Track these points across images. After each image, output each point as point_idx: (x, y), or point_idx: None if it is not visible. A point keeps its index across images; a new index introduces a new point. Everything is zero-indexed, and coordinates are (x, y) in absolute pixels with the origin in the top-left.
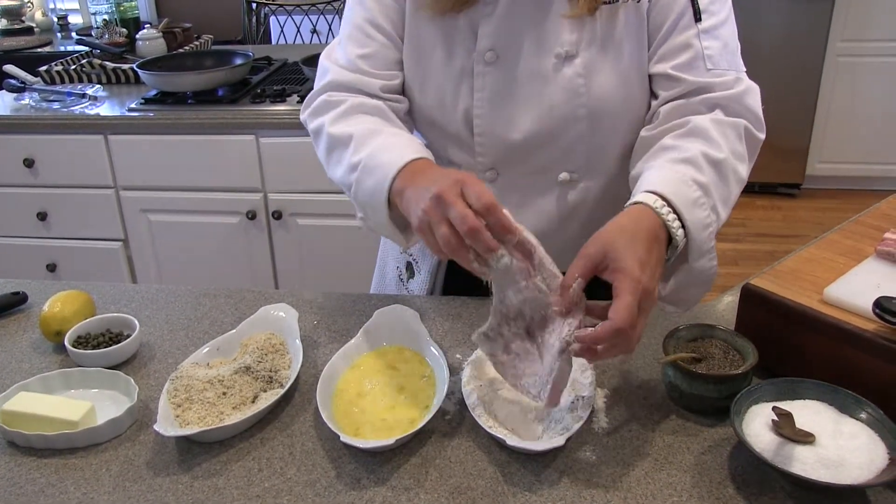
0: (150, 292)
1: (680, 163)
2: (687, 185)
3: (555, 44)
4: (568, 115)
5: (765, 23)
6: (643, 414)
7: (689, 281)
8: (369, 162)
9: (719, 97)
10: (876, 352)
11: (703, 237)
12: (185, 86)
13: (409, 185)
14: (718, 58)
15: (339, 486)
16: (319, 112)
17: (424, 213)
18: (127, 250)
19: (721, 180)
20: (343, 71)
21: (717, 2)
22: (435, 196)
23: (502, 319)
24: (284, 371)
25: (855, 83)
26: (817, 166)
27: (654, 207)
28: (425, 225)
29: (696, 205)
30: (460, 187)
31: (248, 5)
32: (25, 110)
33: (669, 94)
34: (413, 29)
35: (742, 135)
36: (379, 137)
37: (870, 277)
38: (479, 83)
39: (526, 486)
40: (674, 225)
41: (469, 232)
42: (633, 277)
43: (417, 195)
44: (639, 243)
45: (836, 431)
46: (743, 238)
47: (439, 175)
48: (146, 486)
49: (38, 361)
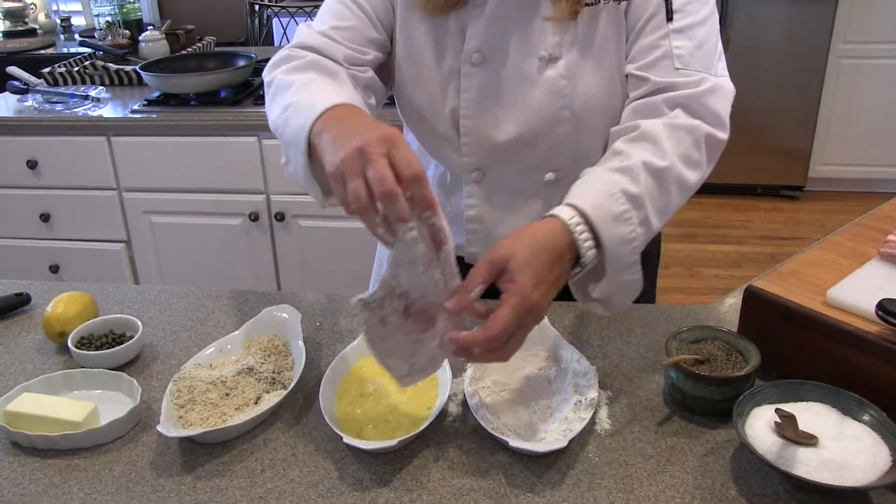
0: (153, 293)
1: (616, 172)
2: (614, 198)
3: (539, 46)
4: (552, 116)
5: (767, 25)
6: (646, 415)
7: (613, 289)
8: (300, 102)
9: (681, 96)
10: (879, 354)
11: (621, 252)
12: (187, 87)
13: (332, 128)
14: (689, 58)
15: (341, 487)
16: (277, 65)
17: (342, 161)
18: (129, 252)
19: (660, 190)
20: (314, 34)
21: (695, 2)
22: (358, 147)
23: (388, 293)
24: (287, 372)
25: (857, 85)
26: (819, 168)
27: (568, 224)
28: (339, 174)
29: (618, 220)
30: (388, 146)
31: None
32: (28, 112)
33: (636, 93)
34: (405, 29)
35: (700, 140)
36: (319, 83)
37: (873, 279)
38: (465, 84)
39: (528, 487)
40: (585, 245)
41: (384, 194)
42: (522, 294)
43: (338, 142)
44: (540, 261)
45: (839, 433)
46: (745, 240)
47: (366, 125)
48: (149, 487)
49: (41, 362)
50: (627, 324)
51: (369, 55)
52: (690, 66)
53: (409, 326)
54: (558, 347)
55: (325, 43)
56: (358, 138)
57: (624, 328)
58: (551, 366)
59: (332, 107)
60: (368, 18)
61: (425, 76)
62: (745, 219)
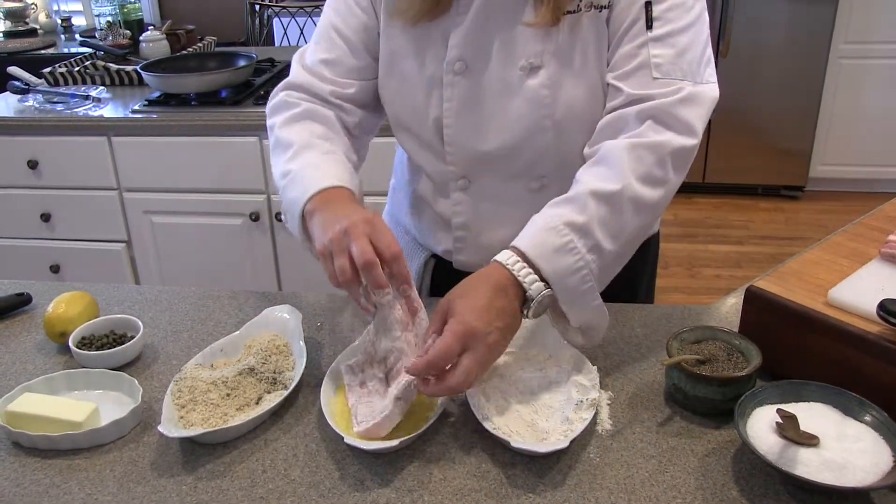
0: (154, 294)
1: (560, 204)
2: (555, 231)
3: (521, 55)
4: (534, 126)
5: (768, 25)
6: (647, 416)
7: (582, 319)
8: (296, 175)
9: (652, 107)
10: (880, 354)
11: (570, 283)
12: (188, 87)
13: (321, 210)
14: (669, 66)
15: (342, 487)
16: (276, 110)
17: (330, 241)
18: (130, 252)
19: (612, 214)
20: (304, 73)
21: (676, 8)
22: (343, 229)
23: (369, 359)
24: (288, 372)
25: (858, 85)
26: (820, 168)
27: (505, 264)
28: (327, 252)
29: (560, 251)
30: (370, 229)
31: (252, 7)
32: (29, 112)
33: (611, 104)
34: (387, 39)
35: (665, 157)
36: (313, 152)
37: (874, 280)
38: (447, 93)
39: (529, 487)
40: (527, 279)
41: (365, 264)
42: (459, 320)
43: (326, 225)
44: (478, 292)
45: (840, 434)
46: (745, 240)
47: (351, 211)
48: (150, 488)
49: (42, 362)
50: (628, 324)
51: (353, 87)
52: (670, 74)
53: (383, 390)
54: (559, 347)
55: (311, 82)
56: (344, 221)
57: (625, 328)
58: (552, 366)
59: (322, 190)
60: (350, 48)
61: (408, 86)
62: (745, 219)
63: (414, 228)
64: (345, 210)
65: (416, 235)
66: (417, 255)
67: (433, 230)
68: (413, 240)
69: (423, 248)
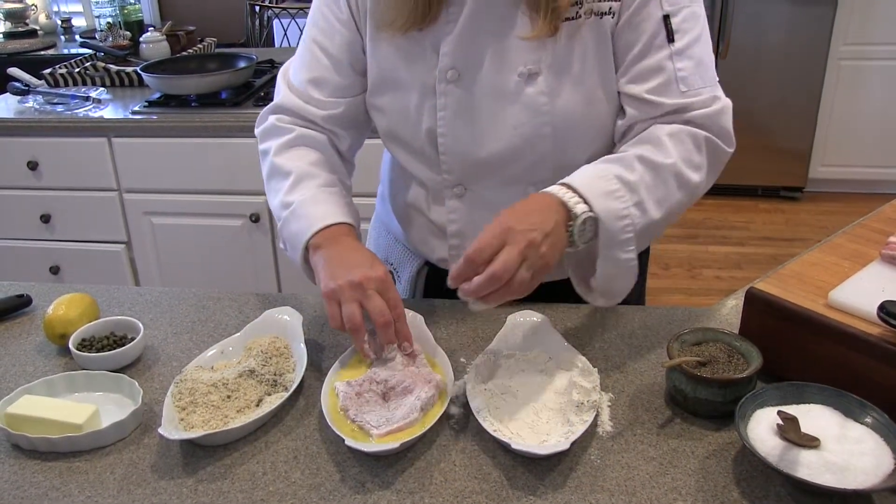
0: (154, 295)
1: (608, 161)
2: (605, 178)
3: (517, 62)
4: (532, 133)
5: (767, 26)
6: (647, 418)
7: (612, 272)
8: (299, 209)
9: (695, 116)
10: (881, 356)
11: (616, 227)
12: (188, 89)
13: (327, 249)
14: (692, 78)
15: (343, 489)
16: (268, 135)
17: (340, 288)
18: (130, 253)
19: (656, 181)
20: (292, 96)
21: (690, 19)
22: (356, 282)
23: (370, 381)
24: (289, 374)
25: (857, 86)
26: (820, 169)
27: (553, 193)
28: (335, 297)
29: (609, 196)
30: (380, 286)
31: (252, 8)
32: (29, 113)
33: (647, 115)
34: (375, 51)
35: (702, 145)
36: (312, 184)
37: (875, 281)
38: (441, 102)
39: (530, 489)
40: (572, 201)
41: (384, 324)
42: (497, 221)
43: (334, 269)
44: (522, 207)
45: (841, 436)
46: (746, 242)
47: (358, 259)
48: (150, 490)
49: (42, 364)
50: (629, 326)
51: (341, 106)
52: (693, 86)
53: (384, 403)
54: (560, 349)
55: (302, 107)
56: (357, 273)
57: (625, 330)
58: (553, 368)
59: (326, 227)
60: (334, 64)
61: (400, 97)
62: (745, 220)
63: (405, 236)
64: (352, 256)
65: (408, 243)
66: (410, 263)
67: (426, 238)
68: (404, 248)
69: (415, 255)
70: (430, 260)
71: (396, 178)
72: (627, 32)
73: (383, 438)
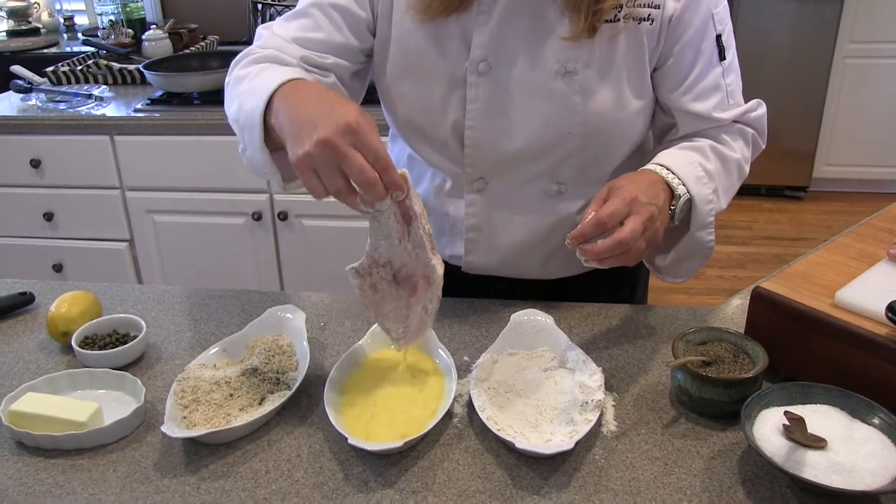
0: (157, 293)
1: (688, 149)
2: (693, 165)
3: (552, 59)
4: (563, 131)
5: (773, 25)
6: (652, 417)
7: (689, 252)
8: (254, 86)
9: (747, 119)
10: (888, 356)
11: (705, 210)
12: (190, 86)
13: (287, 107)
14: (737, 90)
15: (346, 488)
16: (234, 65)
17: (309, 155)
18: (132, 251)
19: (725, 171)
20: (274, 37)
21: (728, 30)
22: (321, 142)
23: (373, 263)
24: (292, 373)
25: (862, 85)
26: (824, 169)
27: (658, 172)
28: (308, 168)
29: (699, 181)
30: (352, 139)
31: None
32: (32, 111)
33: (705, 127)
34: (400, 36)
35: (749, 141)
36: (273, 68)
37: (882, 281)
38: (472, 94)
39: (534, 489)
40: (674, 182)
41: (367, 182)
42: (625, 189)
43: (298, 128)
44: (638, 179)
45: (848, 437)
46: (749, 241)
47: (323, 106)
48: (153, 488)
49: (45, 362)
50: (633, 325)
51: (329, 59)
52: (737, 96)
53: (398, 293)
54: (564, 349)
55: (283, 45)
56: (320, 129)
57: (630, 329)
58: (557, 367)
59: (284, 82)
60: (334, 26)
61: (424, 86)
62: (749, 219)
63: None
64: (317, 104)
65: None
66: None
67: (438, 235)
68: None
69: None
70: (442, 257)
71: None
72: (683, 49)
73: (385, 437)
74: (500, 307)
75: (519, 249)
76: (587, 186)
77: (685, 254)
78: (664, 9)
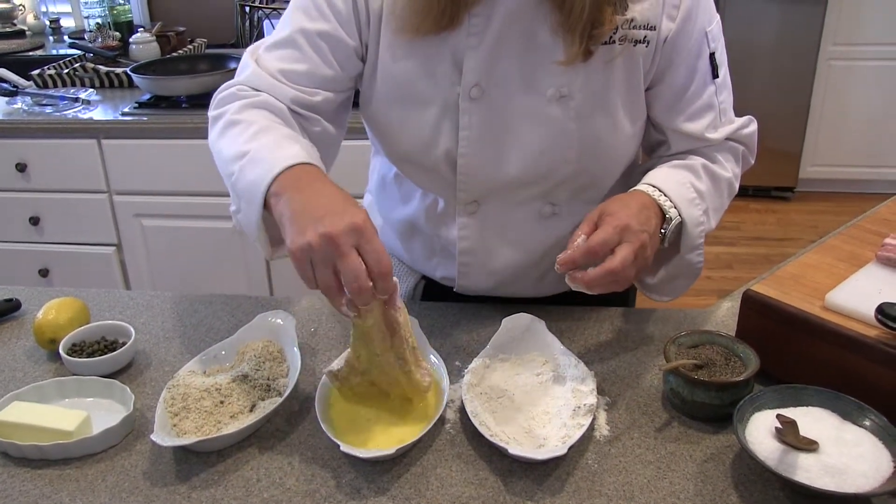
0: (146, 299)
1: (681, 167)
2: (685, 186)
3: (546, 84)
4: (558, 157)
5: (757, 26)
6: (645, 421)
7: (677, 272)
8: (257, 154)
9: (738, 136)
10: (879, 358)
11: (695, 233)
12: (178, 90)
13: (292, 194)
14: (729, 107)
15: (338, 495)
16: (224, 102)
17: (310, 246)
18: (120, 255)
19: (716, 191)
20: (261, 72)
21: (721, 47)
22: (326, 236)
23: (351, 370)
24: (282, 379)
25: (847, 86)
26: (810, 169)
27: (650, 194)
28: (305, 258)
29: (691, 203)
30: (357, 238)
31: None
32: (18, 114)
33: (698, 146)
34: (388, 61)
35: (739, 158)
36: (275, 133)
37: (871, 283)
38: (464, 121)
39: (528, 494)
40: (666, 205)
41: (359, 289)
42: (616, 216)
43: (301, 217)
44: (630, 204)
45: (839, 439)
46: (737, 242)
47: (332, 202)
48: (143, 497)
49: (31, 370)
50: (624, 328)
51: (320, 96)
52: (729, 114)
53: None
54: (556, 353)
55: (272, 83)
56: (326, 224)
57: (621, 333)
58: (549, 371)
59: (289, 167)
60: (321, 56)
61: (415, 113)
62: (736, 220)
63: (405, 253)
64: (321, 200)
65: (407, 260)
66: (406, 280)
67: (429, 256)
68: (399, 263)
69: (412, 272)
70: (433, 278)
71: (392, 192)
72: (676, 71)
73: (377, 444)
74: (491, 312)
75: (513, 271)
76: (581, 207)
77: (674, 273)
78: (659, 30)
